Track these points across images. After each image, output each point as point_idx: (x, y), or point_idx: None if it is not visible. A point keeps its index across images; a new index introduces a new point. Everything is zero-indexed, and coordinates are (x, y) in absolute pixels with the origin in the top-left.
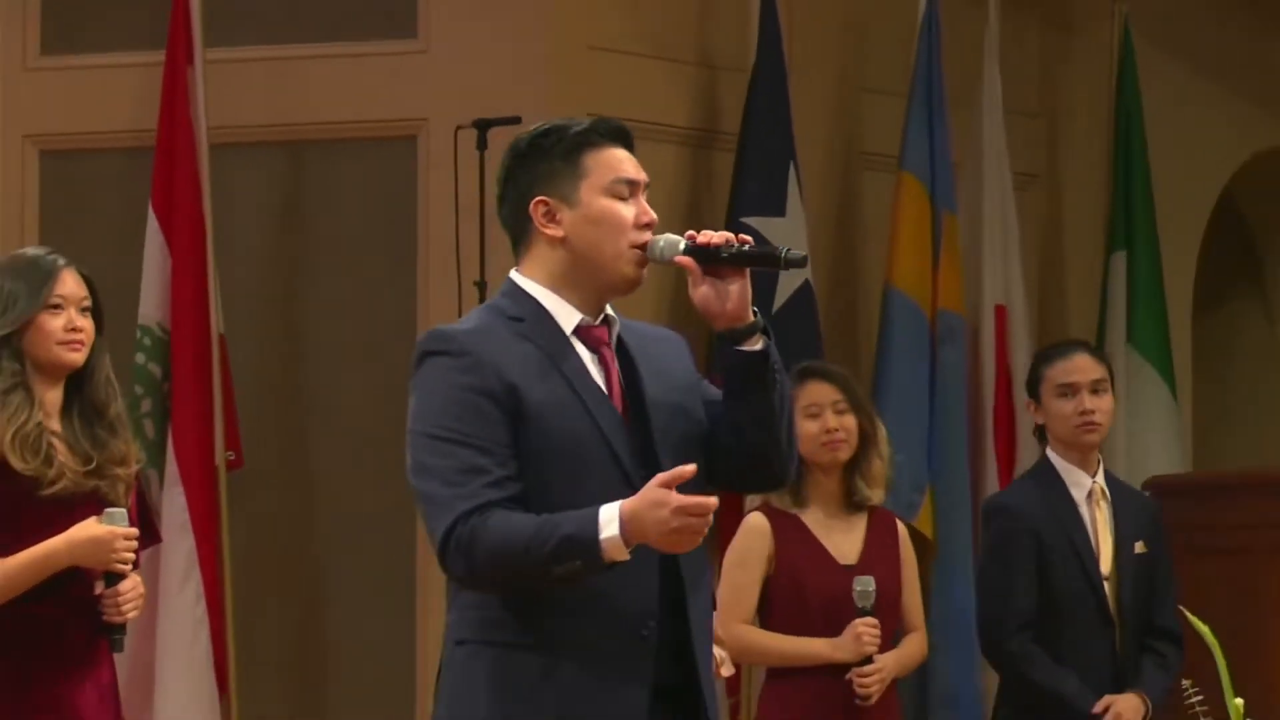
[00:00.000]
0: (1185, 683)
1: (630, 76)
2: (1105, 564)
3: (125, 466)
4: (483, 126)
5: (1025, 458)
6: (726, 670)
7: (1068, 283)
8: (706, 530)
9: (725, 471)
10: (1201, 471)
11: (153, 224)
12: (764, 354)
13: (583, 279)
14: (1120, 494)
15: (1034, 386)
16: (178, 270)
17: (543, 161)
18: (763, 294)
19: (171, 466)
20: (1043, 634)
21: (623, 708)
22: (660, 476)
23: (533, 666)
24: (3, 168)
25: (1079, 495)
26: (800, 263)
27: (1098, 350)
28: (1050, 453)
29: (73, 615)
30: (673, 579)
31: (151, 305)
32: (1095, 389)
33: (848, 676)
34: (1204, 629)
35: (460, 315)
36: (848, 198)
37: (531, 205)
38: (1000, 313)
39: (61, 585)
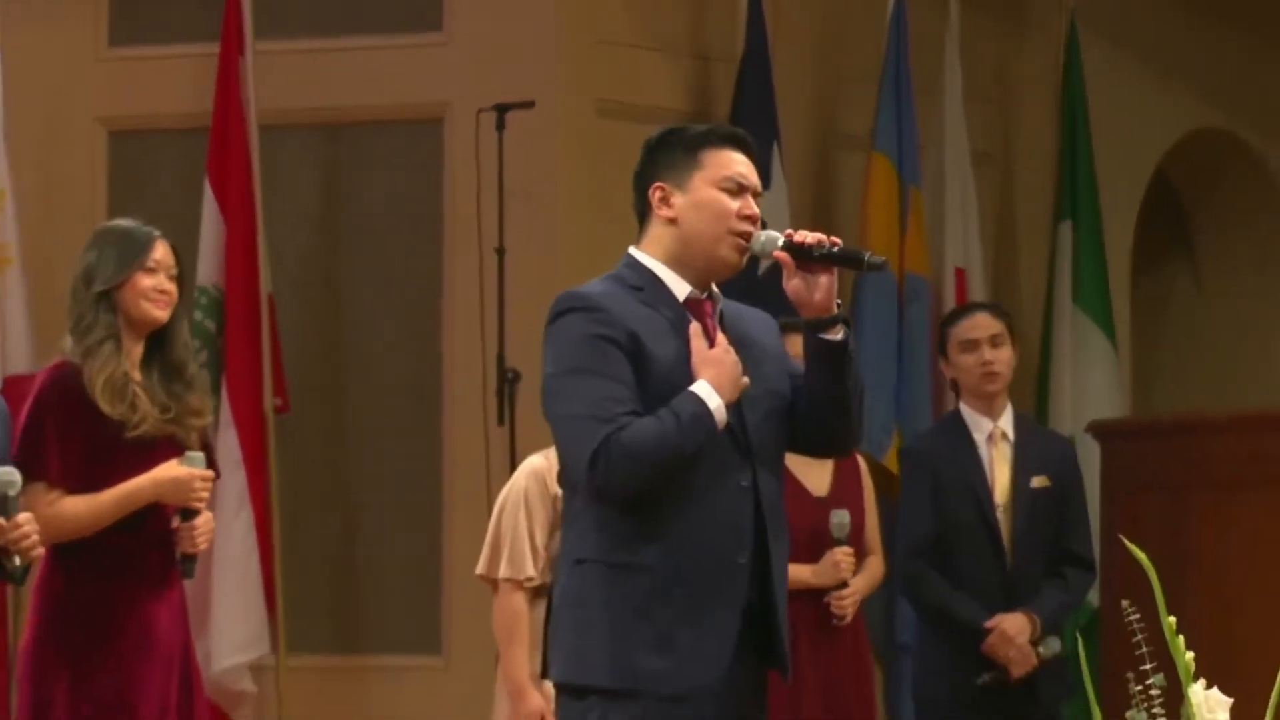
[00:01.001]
0: (1124, 603)
1: (632, 66)
2: (1000, 497)
3: (200, 418)
4: (501, 110)
5: None
6: None
7: (1019, 248)
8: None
9: (801, 438)
10: (1138, 416)
11: (209, 196)
12: (844, 343)
13: (691, 257)
14: (1029, 435)
15: (943, 345)
16: (231, 237)
17: (667, 154)
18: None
19: (225, 410)
20: (940, 560)
21: (718, 626)
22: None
23: (645, 585)
24: (76, 147)
25: (980, 438)
26: (881, 266)
27: (996, 308)
28: (961, 403)
29: (152, 546)
30: (759, 518)
31: (208, 268)
32: (994, 343)
33: (825, 600)
34: (1140, 554)
35: (481, 278)
36: (825, 174)
37: (651, 189)
38: (960, 275)
39: (143, 519)
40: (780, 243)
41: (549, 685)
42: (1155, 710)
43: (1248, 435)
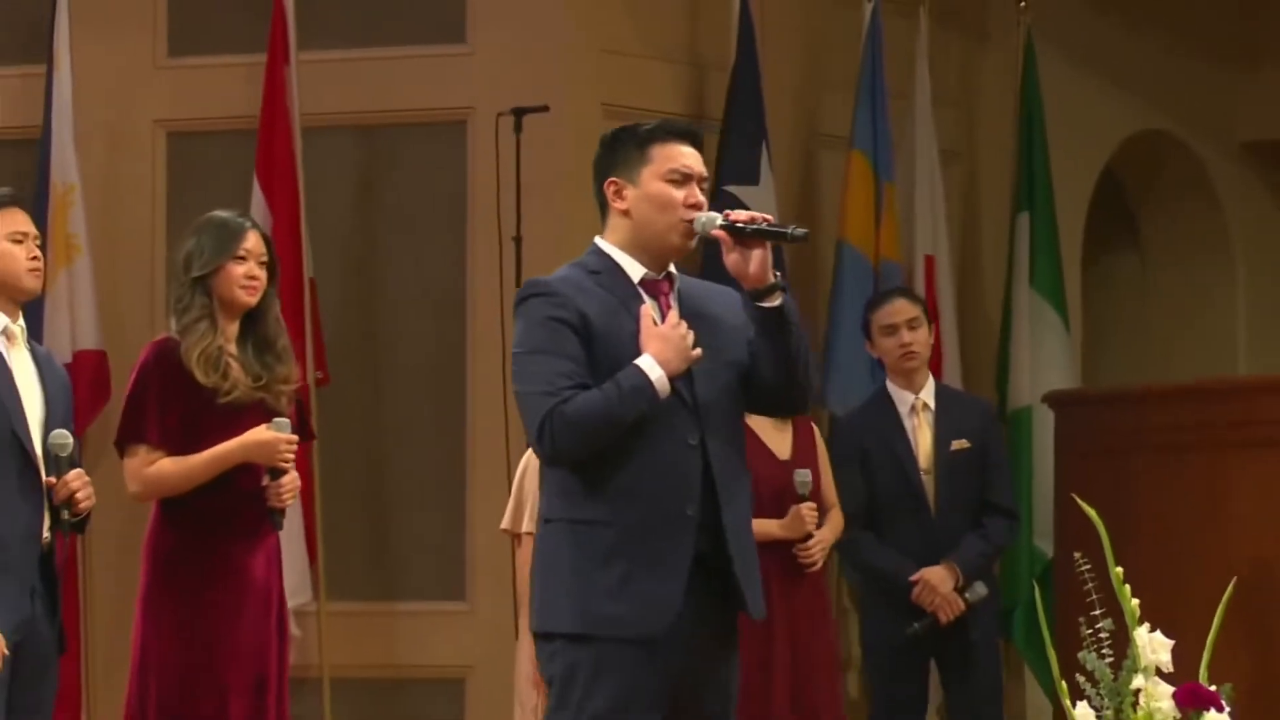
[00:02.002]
0: (1076, 555)
1: (634, 73)
2: (924, 461)
3: (287, 385)
4: (518, 114)
5: (948, 371)
6: None
7: (982, 237)
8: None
9: (756, 399)
10: (1088, 387)
11: (257, 191)
12: (780, 309)
13: (644, 243)
14: (950, 403)
15: (866, 329)
16: (277, 228)
17: (620, 150)
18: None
19: None
20: (872, 522)
21: (669, 574)
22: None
23: (602, 539)
24: (138, 147)
25: (904, 410)
26: (803, 238)
27: (911, 293)
28: (888, 380)
29: (245, 501)
30: (709, 474)
31: None
32: (911, 325)
33: (794, 550)
34: (1090, 512)
35: (500, 264)
36: (809, 171)
37: (606, 184)
38: (929, 261)
39: (236, 477)
40: (719, 222)
41: None
42: (1104, 651)
43: (1186, 404)
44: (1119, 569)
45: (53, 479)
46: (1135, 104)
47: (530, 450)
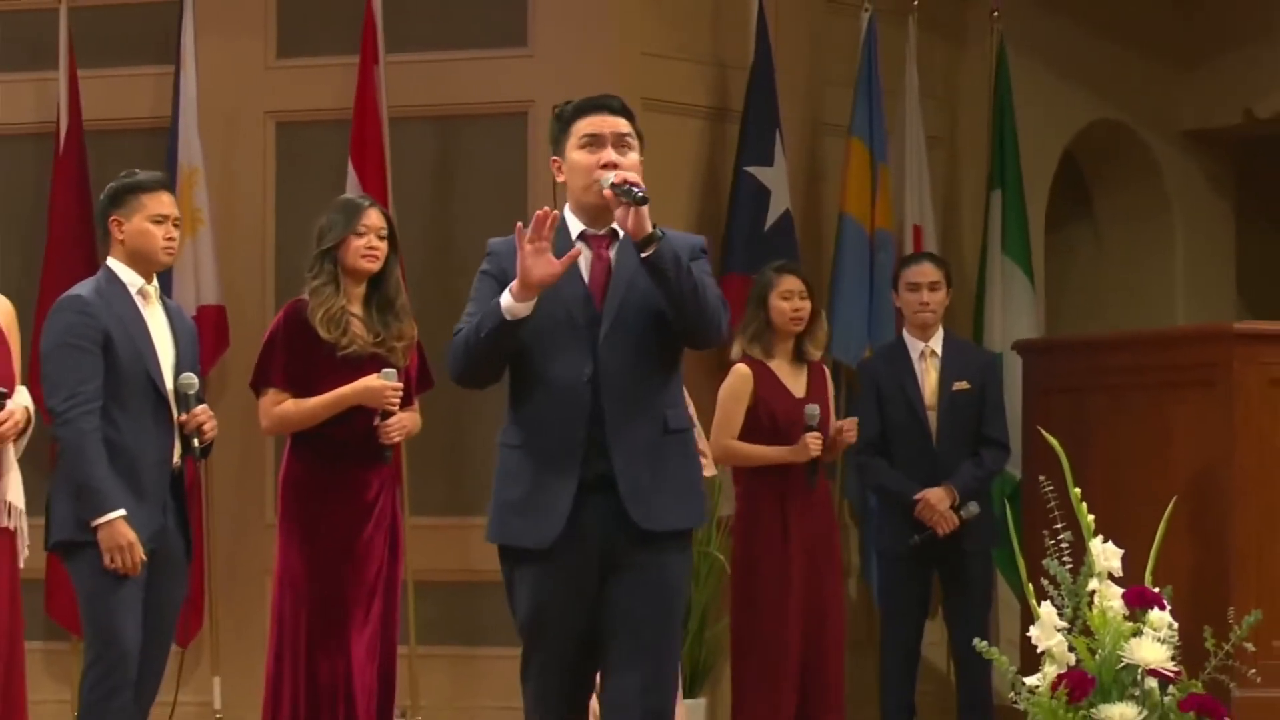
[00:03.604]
0: (1041, 478)
1: (669, 72)
2: (929, 399)
3: (403, 340)
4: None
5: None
6: (709, 471)
7: (961, 210)
8: (547, 247)
9: (674, 334)
10: (1050, 336)
11: (351, 174)
12: (651, 257)
13: (577, 205)
14: (955, 351)
15: (894, 281)
16: None
17: (554, 133)
18: (756, 215)
19: None
20: (885, 450)
21: (560, 490)
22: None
23: (514, 460)
24: (251, 135)
25: (915, 356)
26: (643, 201)
27: (938, 259)
28: (905, 329)
29: (360, 437)
30: (598, 403)
31: None
32: (932, 287)
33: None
34: (1053, 441)
35: None
36: (815, 155)
37: (551, 162)
38: (917, 230)
39: (353, 417)
40: (607, 183)
41: None
42: (1064, 559)
43: (1132, 350)
44: (1077, 490)
45: (183, 414)
46: (1091, 98)
47: None
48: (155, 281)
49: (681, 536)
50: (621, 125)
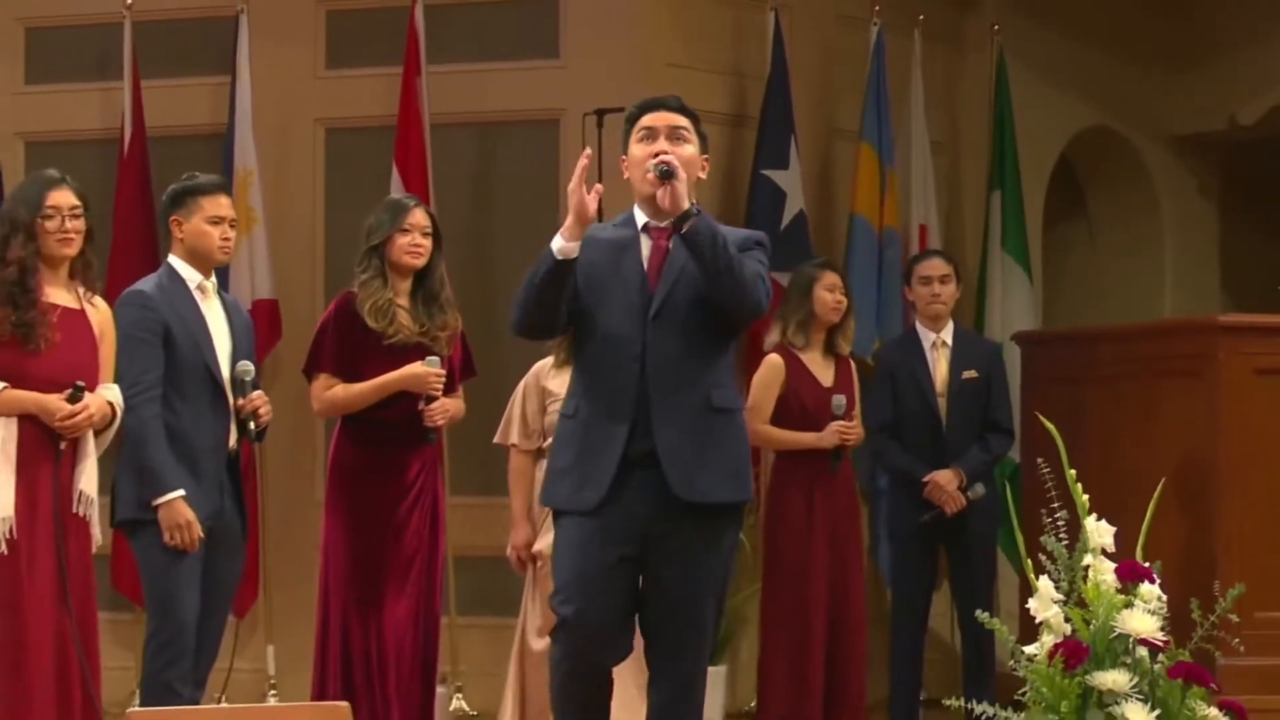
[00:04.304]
0: (1039, 460)
1: (691, 81)
2: (940, 387)
3: (447, 330)
4: (600, 114)
5: None
6: None
7: (964, 210)
8: (590, 200)
9: (719, 317)
10: (1047, 328)
11: (395, 177)
12: (687, 233)
13: (641, 196)
14: (965, 342)
15: (908, 276)
16: None
17: (625, 132)
18: (772, 216)
19: None
20: (897, 433)
21: (605, 459)
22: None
23: (568, 429)
24: (302, 140)
25: (927, 346)
26: (668, 175)
27: (947, 255)
28: (917, 320)
29: (405, 420)
30: (643, 381)
31: None
32: (943, 281)
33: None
34: (1050, 427)
35: None
36: (828, 158)
37: (620, 160)
38: (922, 229)
39: (398, 401)
40: (652, 169)
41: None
42: (1061, 536)
43: (1124, 342)
44: (1073, 472)
45: (240, 399)
46: (1085, 105)
47: (528, 374)
48: (213, 277)
49: (728, 511)
50: (677, 119)
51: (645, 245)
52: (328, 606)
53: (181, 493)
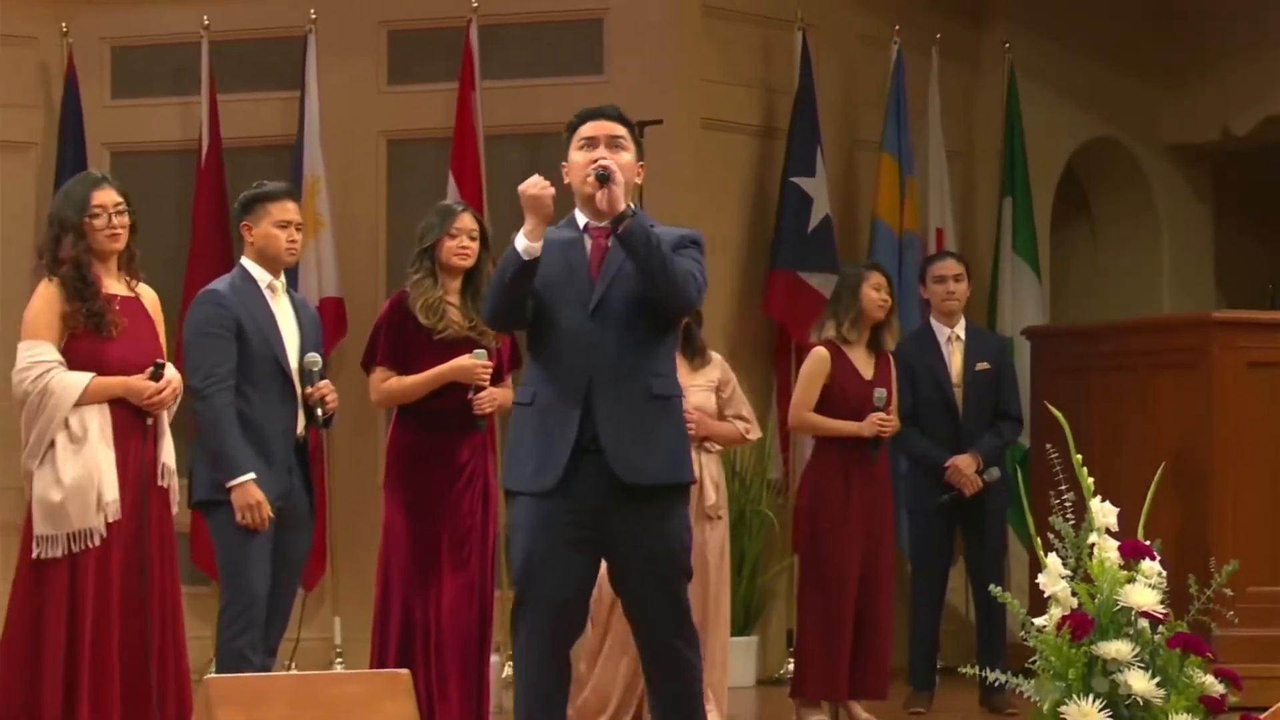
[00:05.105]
0: (1047, 446)
1: (725, 96)
2: (956, 378)
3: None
4: (641, 125)
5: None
6: (753, 435)
7: (978, 214)
8: (547, 193)
9: (656, 310)
10: (1054, 324)
11: (451, 185)
12: (621, 233)
13: (582, 199)
14: (976, 336)
15: (923, 276)
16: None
17: (567, 140)
18: (801, 220)
19: None
20: (916, 421)
21: (560, 444)
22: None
23: (525, 416)
24: (366, 150)
25: (942, 339)
26: (605, 179)
27: (959, 256)
28: (931, 317)
29: (456, 408)
30: (588, 370)
31: None
32: (956, 279)
33: (869, 434)
34: (1058, 414)
35: None
36: (851, 166)
37: (562, 166)
38: (939, 232)
39: (449, 392)
40: (592, 174)
41: None
42: (1068, 516)
43: (1124, 336)
44: (1079, 456)
45: (308, 388)
46: (1088, 117)
47: None
48: (282, 277)
49: (670, 492)
50: (615, 129)
51: (588, 244)
52: (387, 582)
53: (252, 475)
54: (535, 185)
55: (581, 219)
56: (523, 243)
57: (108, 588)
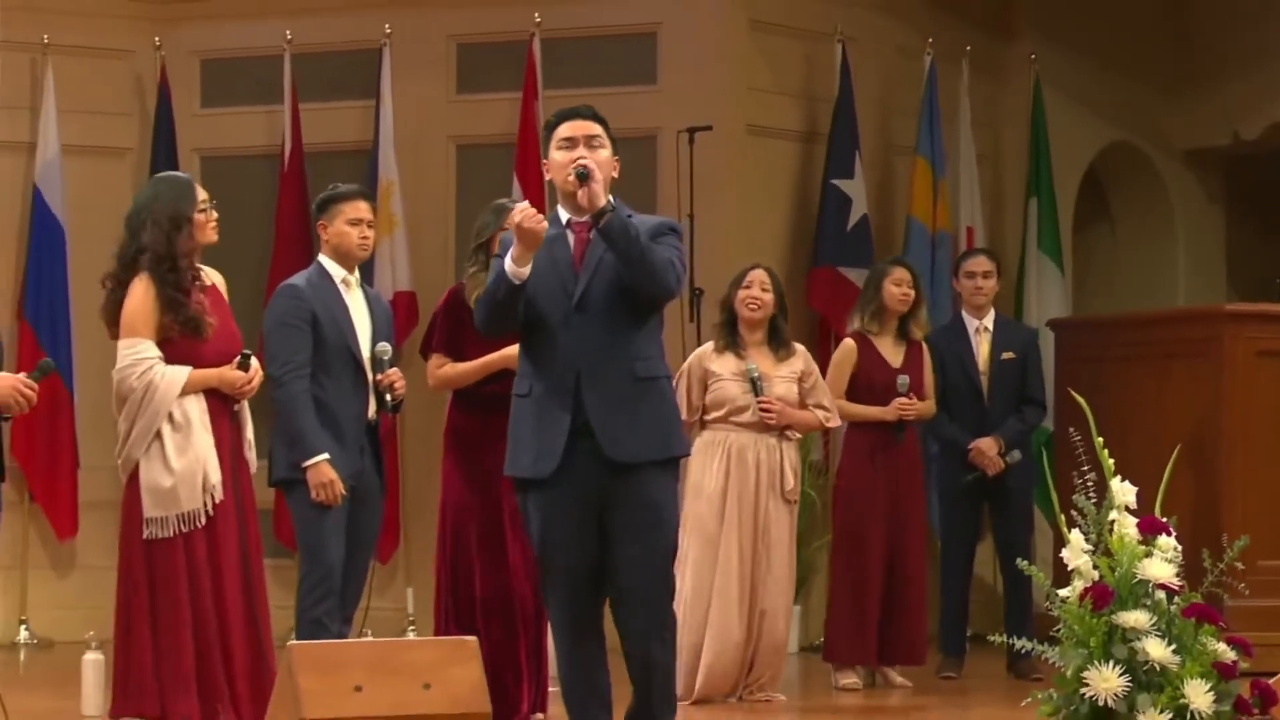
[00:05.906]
0: (1070, 430)
1: (770, 104)
2: (983, 366)
3: None
4: (691, 131)
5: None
6: (833, 422)
7: (1005, 214)
8: (541, 227)
9: (634, 295)
10: (1077, 316)
11: (516, 188)
12: (601, 228)
13: (564, 196)
14: (1004, 327)
15: (955, 271)
16: None
17: (545, 140)
18: (840, 219)
19: None
20: (945, 406)
21: (554, 432)
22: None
23: (522, 407)
24: (437, 155)
25: (971, 330)
26: (584, 176)
27: (991, 252)
28: (962, 309)
29: (507, 392)
30: (577, 357)
31: None
32: (985, 276)
33: (892, 418)
34: (1080, 400)
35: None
36: (887, 169)
37: (543, 164)
38: (970, 231)
39: (501, 377)
40: (573, 173)
41: None
42: (1090, 495)
43: (1141, 328)
44: (1100, 439)
45: (379, 375)
46: (1108, 123)
47: (691, 358)
48: (356, 273)
49: (659, 467)
50: (592, 128)
51: (571, 239)
52: (444, 554)
53: (326, 456)
54: (530, 219)
55: (564, 215)
56: (512, 268)
57: (222, 561)
